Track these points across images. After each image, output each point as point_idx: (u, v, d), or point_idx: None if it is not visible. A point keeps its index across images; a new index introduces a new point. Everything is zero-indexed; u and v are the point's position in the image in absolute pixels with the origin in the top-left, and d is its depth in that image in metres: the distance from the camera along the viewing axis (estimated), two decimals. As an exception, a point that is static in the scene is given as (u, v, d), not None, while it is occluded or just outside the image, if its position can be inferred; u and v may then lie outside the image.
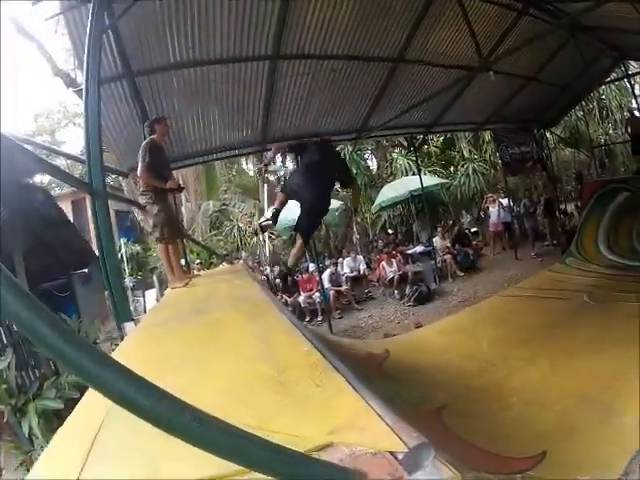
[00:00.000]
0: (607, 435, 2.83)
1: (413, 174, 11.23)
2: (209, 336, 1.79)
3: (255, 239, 11.55)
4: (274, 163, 11.18)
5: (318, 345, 1.45)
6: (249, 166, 15.57)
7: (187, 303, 2.78)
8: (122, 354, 1.70)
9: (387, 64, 6.01)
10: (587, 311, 5.59)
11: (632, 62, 11.43)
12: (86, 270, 8.42)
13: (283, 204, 3.77)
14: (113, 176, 10.45)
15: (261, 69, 5.16)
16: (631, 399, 3.06)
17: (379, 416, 0.88)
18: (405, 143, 12.15)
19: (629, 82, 11.08)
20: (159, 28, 4.13)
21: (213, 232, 12.17)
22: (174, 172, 4.37)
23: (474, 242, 10.23)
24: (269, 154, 9.13)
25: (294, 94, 5.81)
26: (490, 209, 10.32)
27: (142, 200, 3.59)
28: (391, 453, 0.75)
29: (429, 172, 12.20)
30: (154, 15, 3.98)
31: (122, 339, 2.63)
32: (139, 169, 3.40)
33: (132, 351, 1.76)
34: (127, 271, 10.43)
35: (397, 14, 5.14)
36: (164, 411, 0.52)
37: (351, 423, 0.88)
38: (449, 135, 13.81)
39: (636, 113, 10.76)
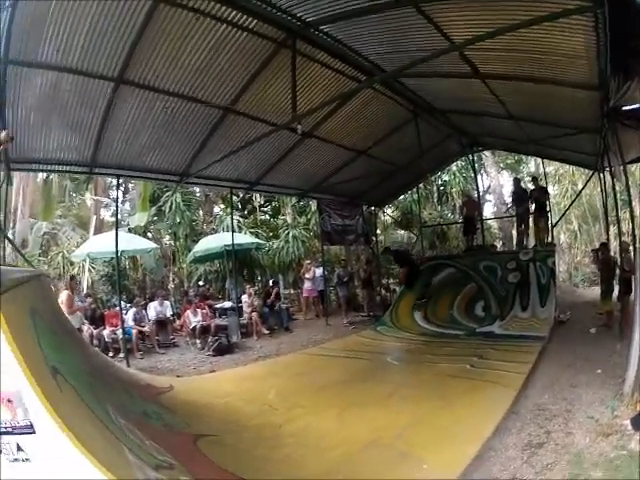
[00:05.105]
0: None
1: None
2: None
3: (77, 269, 11.08)
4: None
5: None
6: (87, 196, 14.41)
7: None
8: None
9: (218, 112, 6.04)
10: (389, 370, 5.77)
11: (485, 151, 12.27)
12: None
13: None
14: None
15: (105, 89, 5.04)
16: (427, 447, 3.11)
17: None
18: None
19: (473, 168, 11.84)
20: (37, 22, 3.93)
21: (37, 252, 11.66)
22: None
23: (286, 306, 10.16)
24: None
25: (127, 123, 5.69)
26: (306, 275, 10.62)
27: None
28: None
29: (251, 233, 12.31)
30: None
31: None
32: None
33: None
34: None
35: (237, 64, 5.23)
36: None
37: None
38: (276, 203, 14.51)
39: (474, 196, 11.55)
